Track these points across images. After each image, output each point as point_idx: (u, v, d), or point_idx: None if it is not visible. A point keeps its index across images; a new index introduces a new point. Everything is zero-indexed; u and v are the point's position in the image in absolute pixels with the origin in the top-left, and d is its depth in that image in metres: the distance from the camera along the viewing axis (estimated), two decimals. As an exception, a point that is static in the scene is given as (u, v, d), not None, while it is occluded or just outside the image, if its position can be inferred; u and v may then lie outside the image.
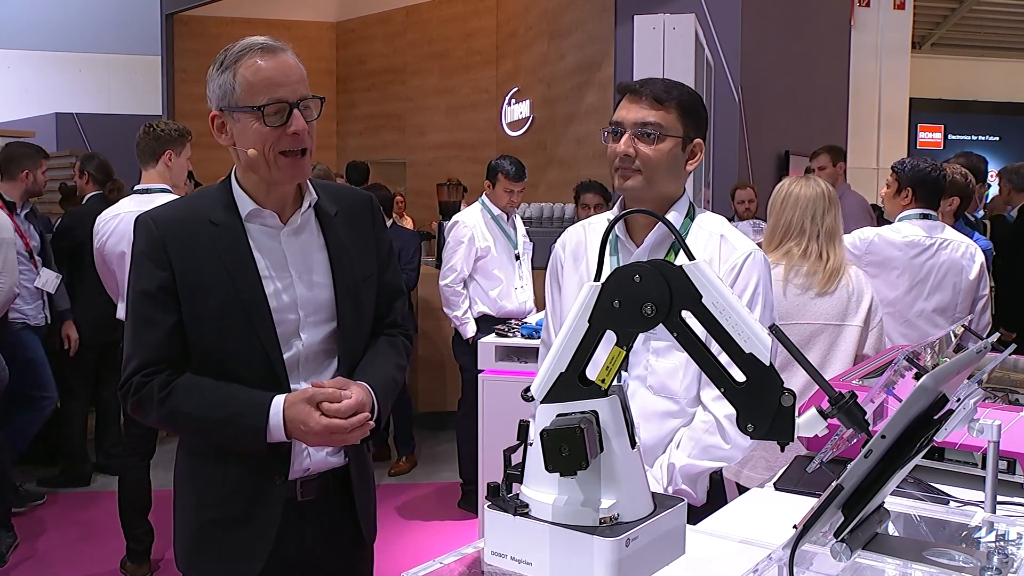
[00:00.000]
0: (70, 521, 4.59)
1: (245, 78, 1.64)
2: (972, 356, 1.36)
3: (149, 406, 1.69)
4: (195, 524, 1.80)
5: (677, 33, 4.36)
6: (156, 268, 1.68)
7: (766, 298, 1.88)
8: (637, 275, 1.14)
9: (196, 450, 1.81)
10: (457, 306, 4.63)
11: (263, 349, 1.70)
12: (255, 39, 1.68)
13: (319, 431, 1.64)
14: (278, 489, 1.75)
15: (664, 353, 1.86)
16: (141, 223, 1.73)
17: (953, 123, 15.99)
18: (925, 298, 3.38)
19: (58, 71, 13.19)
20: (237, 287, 1.68)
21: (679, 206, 1.90)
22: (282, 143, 1.66)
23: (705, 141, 1.92)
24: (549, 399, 1.19)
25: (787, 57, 7.80)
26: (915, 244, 3.36)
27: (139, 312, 1.70)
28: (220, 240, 1.70)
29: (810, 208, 2.89)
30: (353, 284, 1.82)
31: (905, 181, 3.43)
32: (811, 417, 1.14)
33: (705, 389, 1.87)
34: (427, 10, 11.00)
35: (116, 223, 3.65)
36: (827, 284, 2.86)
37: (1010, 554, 1.32)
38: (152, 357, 1.68)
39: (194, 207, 1.75)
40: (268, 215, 1.74)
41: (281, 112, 1.65)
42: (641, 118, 1.82)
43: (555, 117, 8.78)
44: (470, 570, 1.29)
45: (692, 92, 1.89)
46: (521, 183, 4.65)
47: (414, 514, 4.72)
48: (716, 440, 1.82)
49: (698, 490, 1.87)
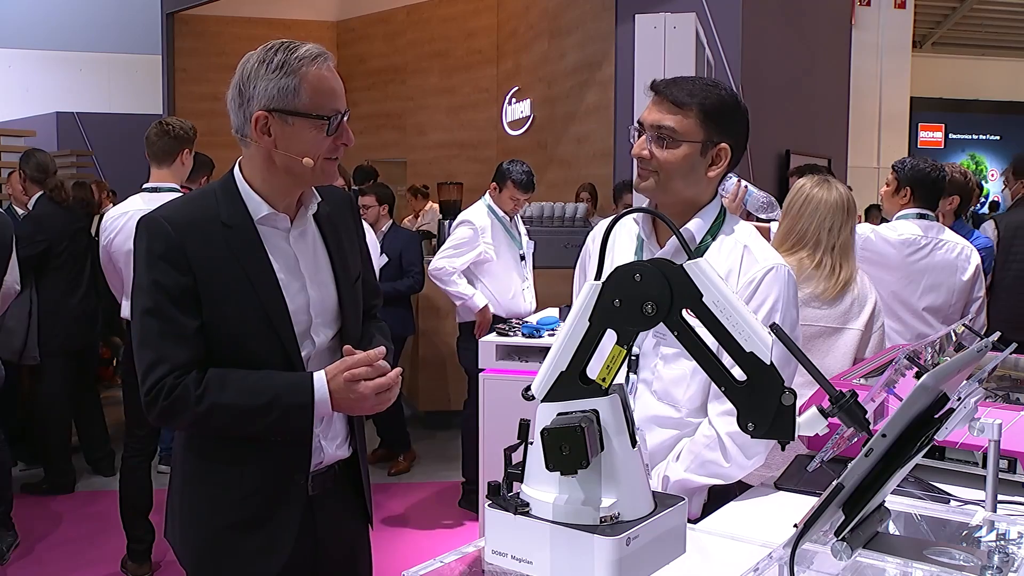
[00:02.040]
0: (71, 521, 4.59)
1: (313, 85, 1.64)
2: (973, 355, 1.36)
3: (184, 406, 1.63)
4: (209, 528, 1.77)
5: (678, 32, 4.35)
6: (176, 272, 1.64)
7: (786, 313, 1.81)
8: (638, 274, 1.14)
9: (209, 453, 1.77)
10: (454, 283, 4.49)
11: (284, 351, 1.71)
12: (310, 46, 1.68)
13: (368, 394, 1.66)
14: (298, 487, 1.76)
15: (672, 360, 1.84)
16: (152, 224, 1.68)
17: (954, 122, 16.00)
18: (918, 296, 3.40)
19: (59, 70, 13.20)
20: (257, 290, 1.68)
21: (706, 212, 1.85)
22: (330, 150, 1.69)
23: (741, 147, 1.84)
24: (550, 398, 1.19)
25: (788, 56, 7.79)
26: (910, 243, 3.37)
27: (163, 316, 1.65)
28: (235, 243, 1.68)
29: (828, 219, 2.79)
30: (351, 285, 1.84)
31: (904, 180, 3.45)
32: (812, 416, 1.14)
33: (712, 403, 1.83)
34: (427, 9, 11.01)
35: (124, 221, 3.65)
36: (836, 295, 2.82)
37: (1011, 553, 1.31)
38: (183, 359, 1.64)
39: (201, 207, 1.72)
40: (282, 218, 1.74)
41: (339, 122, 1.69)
42: (657, 121, 1.78)
43: (555, 116, 8.78)
44: (471, 569, 1.29)
45: (723, 95, 1.81)
46: (528, 194, 4.62)
47: (415, 514, 4.72)
48: (716, 456, 1.80)
49: (692, 505, 1.83)
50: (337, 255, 1.82)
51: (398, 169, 11.02)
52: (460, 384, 5.00)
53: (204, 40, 11.13)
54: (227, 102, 1.71)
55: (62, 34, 13.14)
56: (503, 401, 3.73)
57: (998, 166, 14.72)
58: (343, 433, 1.86)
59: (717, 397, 1.80)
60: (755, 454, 1.80)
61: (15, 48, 13.00)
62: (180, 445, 1.83)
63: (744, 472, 1.84)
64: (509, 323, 4.18)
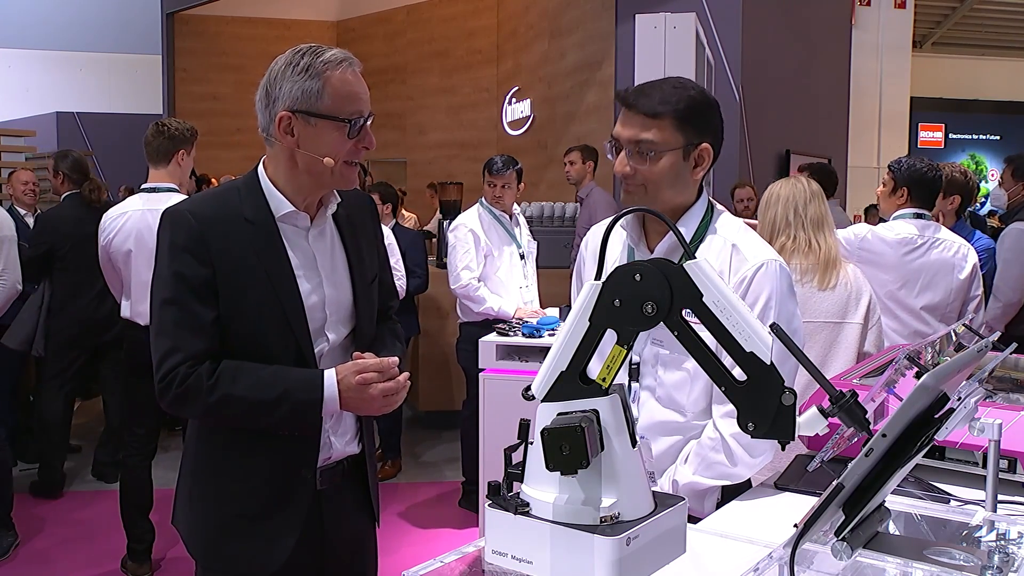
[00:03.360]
0: (71, 520, 4.59)
1: (336, 89, 1.69)
2: (973, 355, 1.36)
3: (196, 395, 1.67)
4: (217, 517, 1.80)
5: (678, 32, 4.36)
6: (198, 263, 1.68)
7: (782, 308, 1.80)
8: (638, 274, 1.14)
9: (219, 444, 1.80)
10: (482, 300, 4.47)
11: (298, 346, 1.74)
12: (336, 51, 1.72)
13: (376, 396, 1.69)
14: (306, 481, 1.78)
15: (672, 365, 1.84)
16: (177, 216, 1.71)
17: (954, 122, 15.99)
18: (915, 295, 3.40)
19: (59, 70, 13.21)
20: (274, 285, 1.72)
21: (694, 212, 1.84)
22: (350, 153, 1.72)
23: (718, 141, 1.83)
24: (550, 398, 1.19)
25: (788, 56, 7.80)
26: (906, 242, 3.39)
27: (182, 306, 1.68)
28: (256, 238, 1.72)
29: (791, 201, 3.00)
30: (366, 285, 1.87)
31: (901, 180, 3.45)
32: (812, 416, 1.14)
33: (716, 405, 1.83)
34: (427, 9, 11.01)
35: (123, 221, 3.65)
36: (826, 277, 2.90)
37: (1011, 553, 1.31)
38: (197, 349, 1.68)
39: (225, 203, 1.75)
40: (302, 216, 1.78)
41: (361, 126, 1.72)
42: (634, 136, 1.75)
43: (555, 116, 8.78)
44: (471, 569, 1.29)
45: (693, 95, 1.78)
46: (502, 177, 4.52)
47: (415, 514, 4.72)
48: (721, 458, 1.81)
49: (705, 506, 1.85)
50: (354, 255, 1.86)
51: (398, 169, 11.01)
52: (461, 384, 5.00)
53: (204, 40, 11.13)
54: (255, 102, 1.76)
55: (62, 34, 13.14)
56: (503, 401, 3.73)
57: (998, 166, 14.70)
58: (353, 430, 1.89)
59: (720, 399, 1.80)
60: (761, 452, 1.80)
61: (15, 48, 13.01)
62: (192, 435, 1.87)
63: (752, 471, 1.84)
64: (509, 323, 4.18)
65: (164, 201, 3.69)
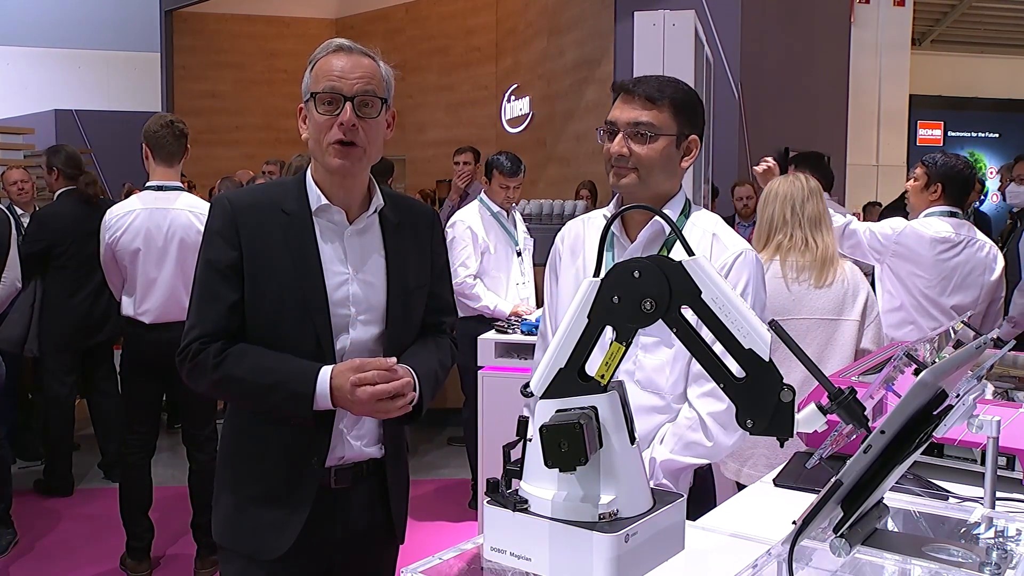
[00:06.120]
0: (70, 518, 4.59)
1: (318, 70, 1.77)
2: (971, 352, 1.36)
3: (203, 371, 1.75)
4: (233, 498, 1.85)
5: (677, 29, 4.35)
6: (226, 246, 1.75)
7: (756, 297, 1.88)
8: (636, 271, 1.14)
9: (240, 428, 1.87)
10: (478, 298, 4.50)
11: (316, 338, 1.76)
12: (341, 41, 1.80)
13: (365, 399, 1.68)
14: (313, 471, 1.79)
15: (652, 349, 1.87)
16: (217, 202, 1.82)
17: (953, 120, 15.97)
18: (948, 294, 3.37)
19: (57, 67, 13.18)
20: (298, 275, 1.75)
21: (674, 203, 1.91)
22: (333, 134, 1.74)
23: (702, 137, 1.93)
24: (548, 395, 1.19)
25: (787, 54, 7.80)
26: (945, 240, 3.36)
27: (206, 285, 1.77)
28: (289, 229, 1.77)
29: (789, 199, 3.00)
30: (406, 290, 1.87)
31: (935, 176, 3.41)
32: (810, 413, 1.14)
33: (691, 386, 1.87)
34: (427, 6, 10.99)
35: (131, 219, 3.64)
36: (822, 275, 2.90)
37: (1009, 550, 1.32)
38: (212, 328, 1.75)
39: (270, 195, 1.83)
40: (336, 211, 1.80)
41: (336, 102, 1.73)
42: (634, 118, 1.84)
43: (555, 114, 8.77)
44: (469, 566, 1.29)
45: (686, 89, 1.89)
46: (516, 179, 4.59)
47: (413, 511, 4.67)
48: (698, 437, 1.84)
49: (680, 486, 1.88)
50: (395, 259, 1.86)
51: (397, 166, 10.99)
52: (458, 381, 4.98)
53: (203, 38, 11.11)
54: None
55: (61, 31, 13.11)
56: (502, 398, 3.73)
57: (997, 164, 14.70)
58: (374, 433, 1.88)
59: (696, 380, 1.85)
60: (736, 431, 1.82)
61: (13, 45, 12.97)
62: (226, 419, 1.93)
63: (727, 450, 1.88)
64: (508, 321, 4.17)
65: (172, 200, 3.69)
